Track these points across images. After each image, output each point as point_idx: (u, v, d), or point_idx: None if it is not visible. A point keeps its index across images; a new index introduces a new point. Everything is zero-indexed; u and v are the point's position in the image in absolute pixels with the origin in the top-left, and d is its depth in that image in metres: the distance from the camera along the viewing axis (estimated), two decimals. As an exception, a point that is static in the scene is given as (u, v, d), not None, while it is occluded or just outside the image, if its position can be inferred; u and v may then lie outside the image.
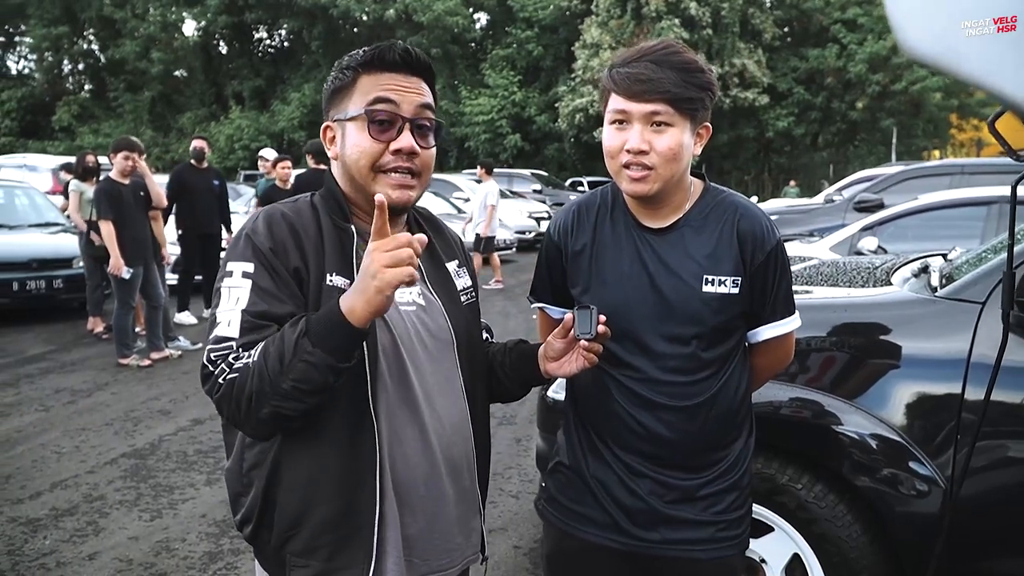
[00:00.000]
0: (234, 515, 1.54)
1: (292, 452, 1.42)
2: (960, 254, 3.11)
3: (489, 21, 38.26)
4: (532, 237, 17.48)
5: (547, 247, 1.85)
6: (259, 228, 1.42)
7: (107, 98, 38.32)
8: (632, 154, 1.61)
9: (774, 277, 1.70)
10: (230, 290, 1.38)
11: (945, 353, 2.33)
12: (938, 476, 2.27)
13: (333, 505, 1.41)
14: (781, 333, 1.76)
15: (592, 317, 1.55)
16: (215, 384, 1.32)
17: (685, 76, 1.59)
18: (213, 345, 1.35)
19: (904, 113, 31.01)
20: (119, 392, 6.16)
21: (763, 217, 1.72)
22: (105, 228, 6.61)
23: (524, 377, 1.72)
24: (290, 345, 1.27)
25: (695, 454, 1.72)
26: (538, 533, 3.74)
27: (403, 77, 1.46)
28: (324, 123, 1.52)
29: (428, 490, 1.49)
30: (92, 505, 4.04)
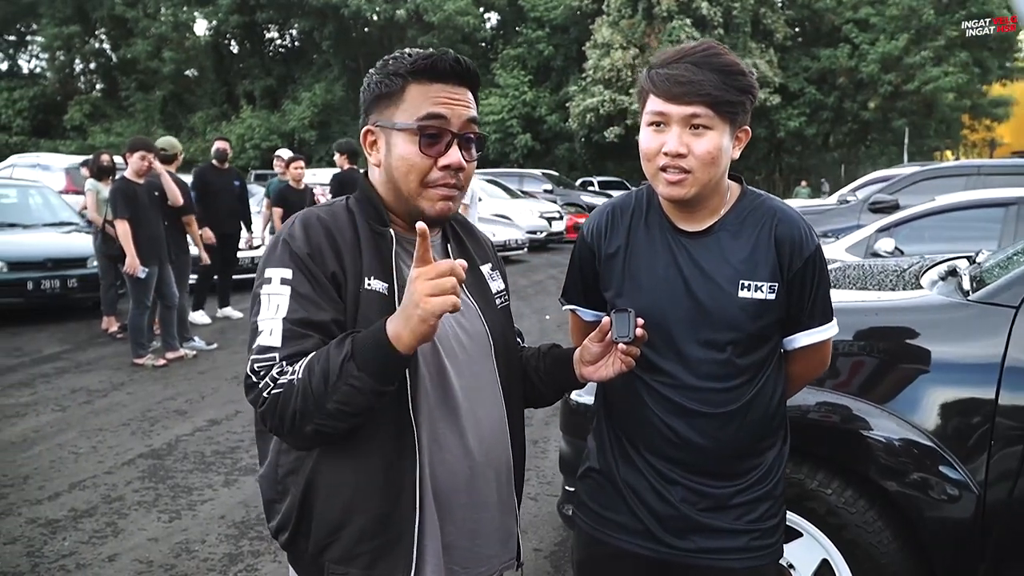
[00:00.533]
0: (268, 522, 1.52)
1: (331, 459, 1.40)
2: (987, 257, 3.07)
3: (500, 21, 38.25)
4: (543, 237, 17.46)
5: (580, 248, 1.83)
6: (296, 233, 1.41)
7: (119, 97, 38.47)
8: (670, 157, 1.58)
9: (812, 283, 1.67)
10: (269, 297, 1.37)
11: (979, 358, 2.30)
12: (970, 481, 2.24)
13: (373, 512, 1.39)
14: (818, 340, 1.72)
15: (630, 320, 1.53)
16: (259, 397, 1.33)
17: (726, 79, 1.57)
18: (257, 355, 1.34)
19: (916, 113, 30.85)
20: (135, 392, 6.17)
21: (802, 222, 1.69)
22: (121, 227, 6.62)
23: (559, 382, 1.70)
24: (335, 367, 1.26)
25: (729, 461, 1.69)
26: (558, 536, 3.72)
27: (452, 88, 1.44)
28: (365, 127, 1.50)
29: (468, 497, 1.47)
30: (111, 506, 4.04)
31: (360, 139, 1.51)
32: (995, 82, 31.63)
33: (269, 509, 1.51)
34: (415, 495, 1.40)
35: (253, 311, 1.40)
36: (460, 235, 1.63)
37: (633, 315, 1.54)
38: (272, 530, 1.51)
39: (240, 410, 5.68)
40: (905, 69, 29.42)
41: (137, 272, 6.64)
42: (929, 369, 2.37)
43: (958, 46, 29.33)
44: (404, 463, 1.39)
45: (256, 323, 1.38)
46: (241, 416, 5.55)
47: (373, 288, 1.39)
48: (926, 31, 29.47)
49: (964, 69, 29.11)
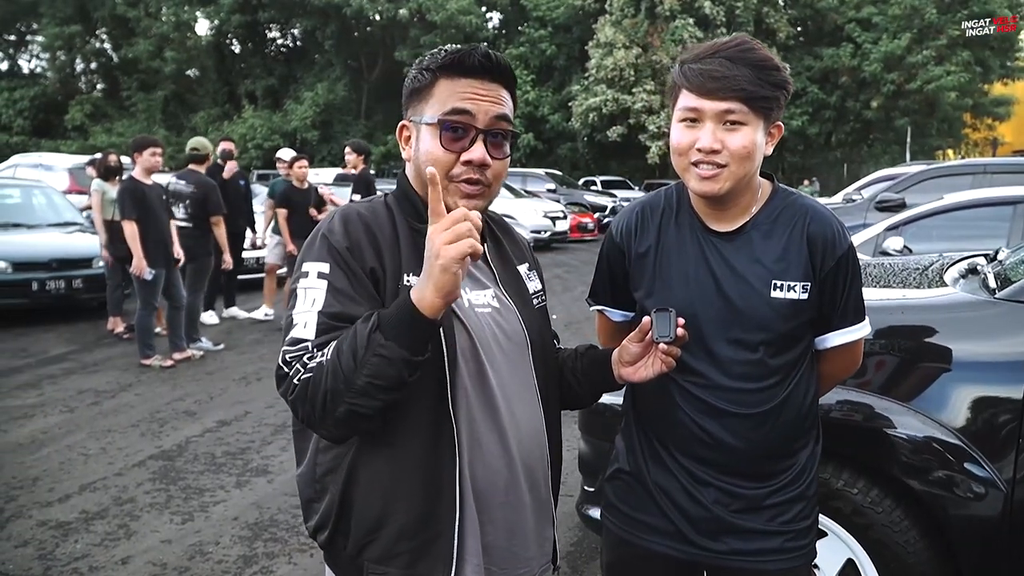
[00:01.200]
0: (306, 522, 1.51)
1: (370, 457, 1.39)
2: (1008, 254, 3.05)
3: (502, 20, 38.27)
4: (548, 237, 17.45)
5: (609, 249, 1.81)
6: (335, 228, 1.40)
7: (120, 97, 38.47)
8: (703, 153, 1.56)
9: (845, 283, 1.65)
10: (306, 291, 1.36)
11: (1007, 355, 2.29)
12: (998, 479, 2.22)
13: (413, 511, 1.38)
14: (851, 340, 1.71)
15: (672, 320, 1.51)
16: (290, 385, 1.29)
17: (760, 74, 1.54)
18: (288, 347, 1.32)
19: (918, 112, 30.84)
20: (143, 393, 6.14)
21: (834, 221, 1.67)
22: (128, 228, 6.60)
23: (596, 383, 1.68)
24: (363, 340, 1.24)
25: (761, 462, 1.67)
26: (574, 536, 3.70)
27: (481, 84, 1.43)
28: (401, 122, 1.50)
29: (507, 497, 1.45)
30: (122, 508, 4.02)
31: (396, 134, 1.51)
32: (997, 81, 31.60)
33: (307, 508, 1.49)
34: (456, 493, 1.38)
35: (289, 304, 1.38)
36: (497, 234, 1.61)
37: (674, 315, 1.52)
38: (310, 529, 1.50)
39: (249, 411, 5.66)
40: (907, 68, 29.40)
41: (144, 273, 6.61)
42: (956, 367, 2.35)
43: (960, 45, 29.30)
44: (444, 461, 1.38)
45: (291, 316, 1.36)
46: (251, 417, 5.52)
47: (412, 285, 1.36)
48: (928, 30, 29.44)
49: (966, 68, 29.08)
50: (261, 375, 6.66)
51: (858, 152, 34.76)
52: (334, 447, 1.42)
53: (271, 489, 4.26)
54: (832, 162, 35.07)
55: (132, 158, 6.87)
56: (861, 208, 9.99)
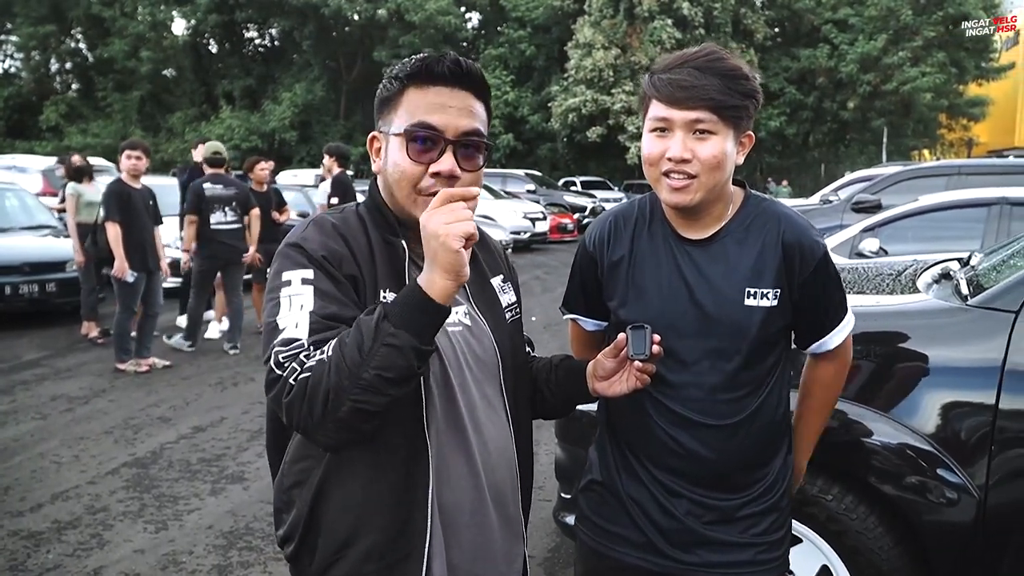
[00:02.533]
0: (276, 529, 1.50)
1: (342, 473, 1.37)
2: (980, 259, 3.08)
3: (481, 21, 38.24)
4: (527, 238, 17.44)
5: (581, 258, 1.80)
6: (311, 236, 1.36)
7: (95, 98, 38.02)
8: (673, 163, 1.56)
9: (825, 285, 1.66)
10: (291, 298, 1.30)
11: (979, 362, 2.30)
12: (970, 485, 2.23)
13: (383, 531, 1.36)
14: (843, 338, 1.74)
15: (647, 337, 1.51)
16: (285, 386, 1.22)
17: (729, 83, 1.54)
18: (281, 347, 1.25)
19: (894, 113, 31.18)
20: (117, 399, 6.06)
21: (807, 226, 1.67)
22: (112, 230, 6.49)
23: (570, 395, 1.67)
24: (370, 331, 1.19)
25: (734, 473, 1.67)
26: (551, 542, 3.69)
27: (451, 92, 1.38)
28: (372, 132, 1.47)
29: (473, 518, 1.44)
30: (95, 517, 3.96)
31: (367, 145, 1.48)
32: (971, 82, 32.00)
33: (277, 518, 1.49)
34: (427, 516, 1.36)
35: (269, 313, 1.32)
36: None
37: (650, 332, 1.52)
38: (278, 539, 1.49)
39: (225, 416, 5.60)
40: (883, 69, 29.72)
41: (125, 276, 6.52)
42: (929, 373, 2.36)
43: (935, 46, 29.66)
44: (417, 481, 1.36)
45: (275, 321, 1.30)
46: (227, 422, 5.47)
47: (388, 300, 1.34)
48: (904, 32, 29.77)
49: (941, 69, 29.44)
50: (237, 380, 6.60)
51: (835, 152, 35.08)
52: (302, 460, 1.40)
53: (247, 496, 4.22)
54: (809, 162, 35.35)
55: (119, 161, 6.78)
56: (838, 209, 10.06)
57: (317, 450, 1.37)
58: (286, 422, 1.27)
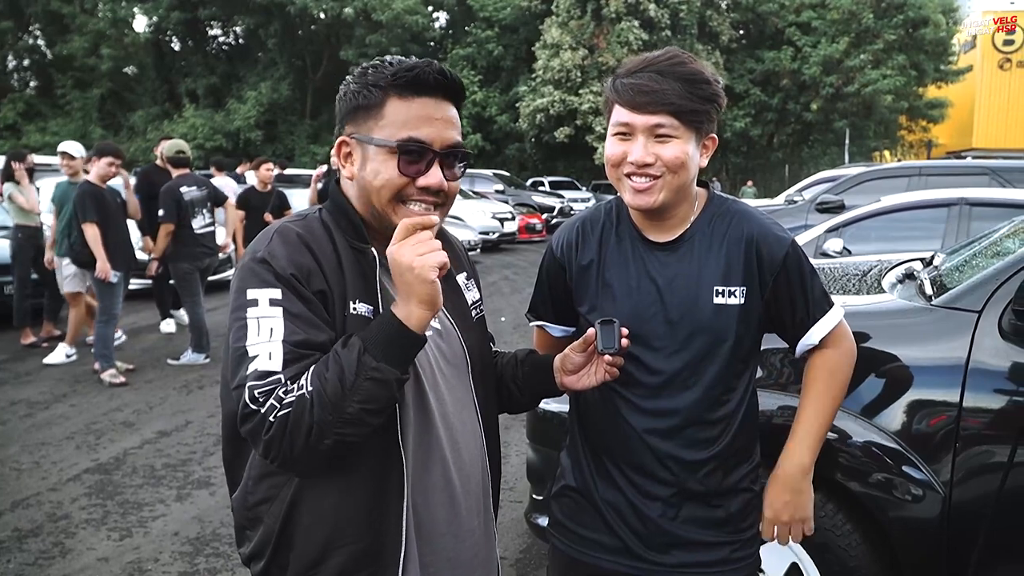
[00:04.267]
0: (238, 547, 1.45)
1: (315, 487, 1.33)
2: (943, 259, 3.13)
3: (449, 20, 38.13)
4: (496, 238, 17.44)
5: (549, 265, 1.80)
6: (276, 251, 1.31)
7: (54, 95, 37.21)
8: (636, 166, 1.57)
9: (799, 278, 1.66)
10: (258, 321, 1.26)
11: (943, 360, 2.33)
12: (935, 481, 2.27)
13: (358, 545, 1.33)
14: (830, 329, 1.68)
15: (616, 331, 1.52)
16: (264, 423, 1.20)
17: (690, 87, 1.55)
18: (255, 381, 1.22)
19: (856, 115, 31.69)
20: (79, 404, 5.95)
21: (772, 223, 1.68)
22: (90, 231, 6.33)
23: (537, 389, 1.67)
24: (351, 365, 1.19)
25: (708, 473, 1.67)
26: (523, 543, 3.69)
27: (435, 104, 1.37)
28: (339, 137, 1.41)
29: (449, 527, 1.42)
30: (57, 525, 3.88)
31: (334, 149, 1.43)
32: (931, 84, 32.61)
33: (240, 535, 1.44)
34: (402, 528, 1.34)
35: (236, 336, 1.28)
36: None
37: (618, 326, 1.53)
38: (243, 557, 1.44)
39: (191, 420, 5.52)
40: (845, 71, 30.19)
41: (109, 276, 6.36)
42: (895, 372, 2.40)
43: (896, 49, 30.19)
44: (390, 496, 1.34)
45: (244, 348, 1.25)
46: (192, 427, 5.39)
47: (359, 312, 1.32)
48: (865, 34, 30.27)
49: (901, 72, 29.96)
50: (203, 383, 6.50)
51: (799, 153, 35.52)
52: (270, 477, 1.36)
53: (213, 502, 4.16)
54: (774, 163, 35.77)
55: (93, 161, 6.57)
56: (802, 210, 10.19)
57: None
58: (261, 455, 1.24)
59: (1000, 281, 2.31)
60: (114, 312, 6.59)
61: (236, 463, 1.43)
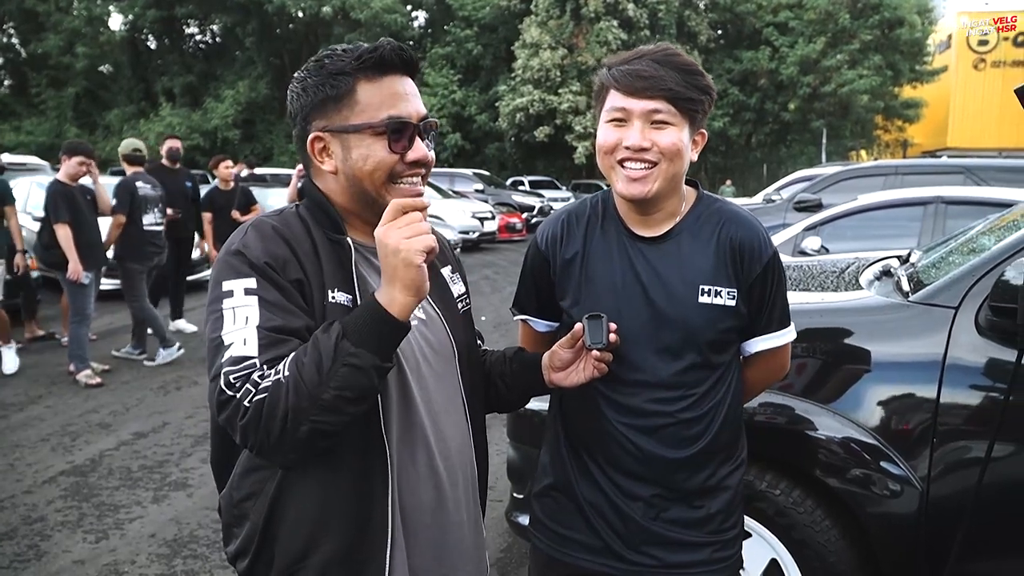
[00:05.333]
0: (225, 546, 1.44)
1: (298, 484, 1.33)
2: (920, 256, 3.16)
3: (427, 19, 38.03)
4: (476, 237, 17.40)
5: (533, 258, 1.79)
6: (251, 243, 1.30)
7: (29, 94, 36.72)
8: (632, 151, 1.56)
9: (771, 289, 1.66)
10: (234, 311, 1.24)
11: (920, 357, 2.35)
12: (913, 477, 2.28)
13: (342, 539, 1.32)
14: (776, 345, 1.72)
15: (604, 326, 1.51)
16: (239, 409, 1.17)
17: (686, 76, 1.57)
18: (231, 367, 1.20)
19: (833, 114, 31.97)
20: (54, 405, 5.86)
21: (759, 227, 1.68)
22: (62, 232, 6.21)
23: (525, 387, 1.67)
24: (329, 351, 1.17)
25: (690, 472, 1.67)
26: (503, 543, 3.68)
27: (400, 80, 1.39)
28: (311, 135, 1.38)
29: (433, 518, 1.41)
30: (32, 527, 3.82)
31: (306, 147, 1.40)
32: (906, 84, 32.96)
33: (227, 533, 1.43)
34: (387, 520, 1.33)
35: (212, 327, 1.26)
36: None
37: (606, 321, 1.52)
38: (229, 555, 1.43)
39: (168, 422, 5.46)
40: (822, 71, 30.45)
41: (81, 278, 6.25)
42: (872, 369, 2.42)
43: (871, 49, 30.49)
44: (376, 486, 1.33)
45: (220, 337, 1.23)
46: (169, 428, 5.33)
47: (338, 301, 1.31)
48: (842, 35, 30.54)
49: (877, 72, 30.26)
50: (181, 384, 6.44)
51: (777, 153, 35.78)
52: (254, 472, 1.35)
53: (191, 503, 4.11)
54: (752, 163, 36.00)
55: (63, 160, 6.45)
56: (780, 208, 10.26)
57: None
58: (240, 443, 1.22)
59: (977, 277, 2.33)
60: (87, 312, 6.49)
61: (225, 463, 1.42)
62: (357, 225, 1.41)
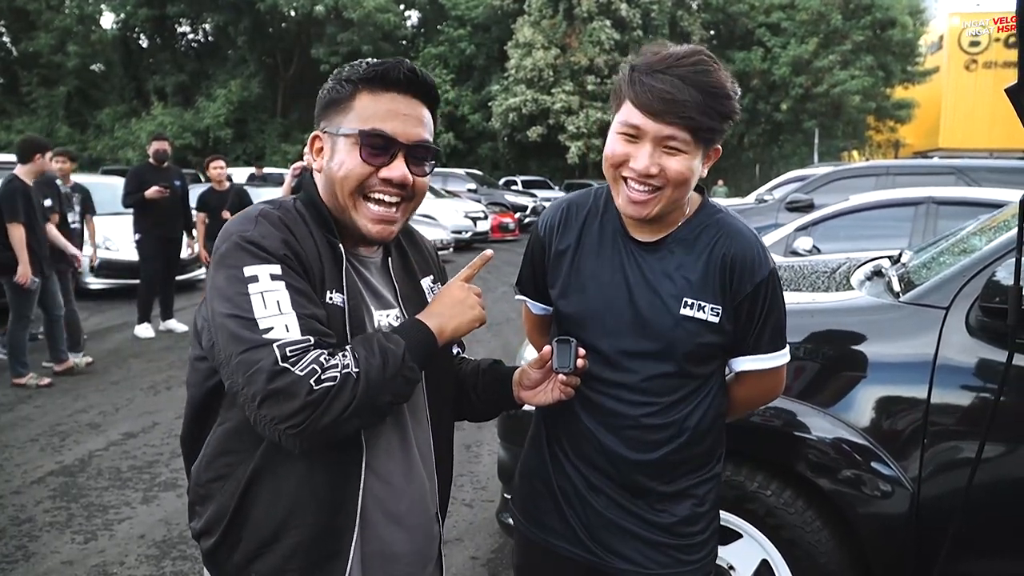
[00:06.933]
0: (190, 522, 1.47)
1: (276, 468, 1.34)
2: (910, 257, 3.16)
3: (420, 19, 38.00)
4: (469, 237, 17.40)
5: (533, 242, 1.78)
6: (265, 232, 1.29)
7: (20, 93, 36.53)
8: (637, 174, 1.50)
9: (762, 309, 1.59)
10: (263, 295, 1.22)
11: (911, 357, 2.35)
12: (903, 477, 2.28)
13: (311, 528, 1.34)
14: (763, 368, 1.64)
15: (572, 351, 1.51)
16: (303, 386, 1.17)
17: (711, 101, 1.46)
18: (286, 345, 1.19)
19: (825, 115, 32.06)
20: (43, 405, 5.83)
21: (758, 245, 1.61)
22: (16, 232, 6.05)
23: (495, 401, 1.67)
24: (396, 360, 1.26)
25: (651, 476, 1.64)
26: (495, 543, 3.67)
27: (404, 100, 1.38)
28: (314, 132, 1.44)
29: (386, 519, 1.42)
30: (20, 528, 3.79)
31: (308, 145, 1.46)
32: (898, 85, 33.09)
33: (191, 510, 1.46)
34: (356, 512, 1.36)
35: (233, 306, 1.23)
36: (403, 245, 1.57)
37: (575, 346, 1.52)
38: (194, 532, 1.46)
39: (158, 422, 5.44)
40: (814, 72, 30.54)
41: (28, 283, 6.10)
42: (863, 369, 2.41)
43: (863, 50, 30.60)
44: (349, 480, 1.35)
45: (253, 317, 1.21)
46: (159, 428, 5.31)
47: (335, 302, 1.33)
48: (834, 35, 30.65)
49: (869, 72, 30.38)
50: (171, 384, 6.41)
51: (769, 153, 35.87)
52: (224, 455, 1.37)
53: (180, 504, 4.09)
54: (745, 163, 36.07)
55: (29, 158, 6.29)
56: (772, 209, 10.29)
57: (244, 444, 1.35)
58: (278, 417, 1.17)
59: (967, 278, 2.33)
60: (28, 316, 6.31)
61: (196, 439, 1.44)
62: (344, 229, 1.42)
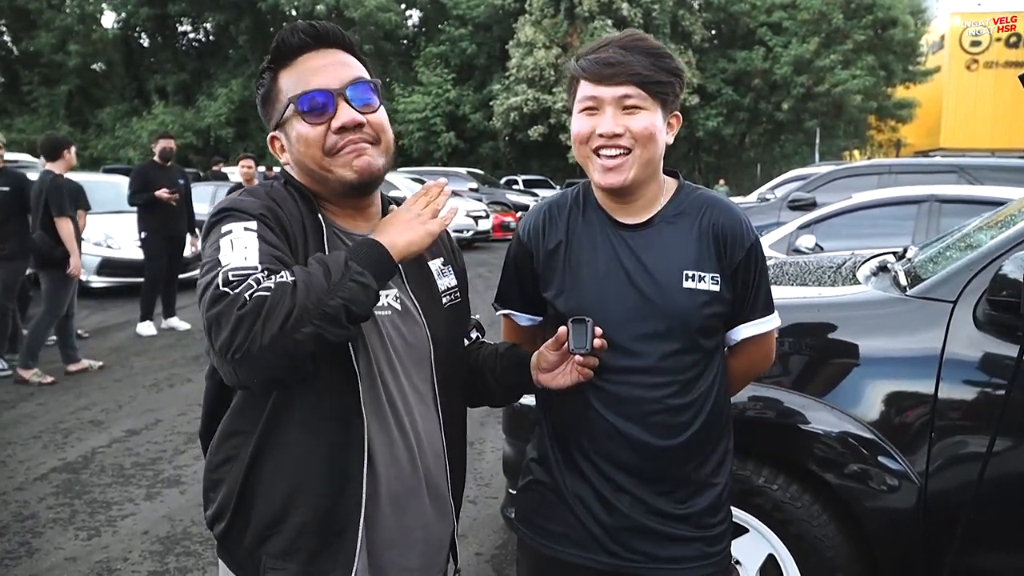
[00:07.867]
0: (204, 511, 1.47)
1: (276, 442, 1.34)
2: (916, 252, 3.15)
3: (422, 18, 38.00)
4: (470, 236, 17.39)
5: (516, 251, 1.77)
6: (245, 199, 1.34)
7: (20, 92, 36.55)
8: (605, 138, 1.56)
9: (754, 274, 1.66)
10: (232, 242, 1.24)
11: (918, 351, 2.34)
12: (911, 472, 2.27)
13: (318, 503, 1.34)
14: (761, 332, 1.70)
15: (588, 331, 1.49)
16: (236, 300, 1.14)
17: (654, 60, 1.57)
18: (230, 271, 1.19)
19: (826, 114, 32.03)
20: (46, 402, 5.83)
21: (740, 213, 1.68)
22: (66, 226, 6.16)
23: (514, 385, 1.65)
24: (338, 266, 1.21)
25: (678, 463, 1.64)
26: (499, 539, 3.67)
27: (318, 55, 1.39)
28: (270, 135, 1.46)
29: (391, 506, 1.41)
30: (23, 524, 3.79)
31: (269, 146, 1.48)
32: (899, 85, 33.06)
33: (205, 499, 1.46)
34: (361, 488, 1.34)
35: (209, 257, 1.25)
36: None
37: (591, 325, 1.50)
38: (207, 519, 1.45)
39: (161, 419, 5.43)
40: (816, 71, 30.51)
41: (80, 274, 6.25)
42: (870, 363, 2.40)
43: (865, 50, 30.58)
44: (351, 454, 1.34)
45: (217, 258, 1.22)
46: (162, 425, 5.30)
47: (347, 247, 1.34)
48: (835, 35, 30.62)
49: (870, 72, 30.35)
50: (173, 381, 6.40)
51: (770, 152, 35.85)
52: (232, 436, 1.38)
53: (184, 500, 4.09)
54: (746, 162, 36.07)
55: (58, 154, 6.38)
56: (774, 207, 10.27)
57: (248, 424, 1.35)
58: (223, 342, 1.14)
59: (975, 271, 2.32)
60: (60, 311, 6.38)
61: (212, 430, 1.44)
62: (328, 207, 1.44)
